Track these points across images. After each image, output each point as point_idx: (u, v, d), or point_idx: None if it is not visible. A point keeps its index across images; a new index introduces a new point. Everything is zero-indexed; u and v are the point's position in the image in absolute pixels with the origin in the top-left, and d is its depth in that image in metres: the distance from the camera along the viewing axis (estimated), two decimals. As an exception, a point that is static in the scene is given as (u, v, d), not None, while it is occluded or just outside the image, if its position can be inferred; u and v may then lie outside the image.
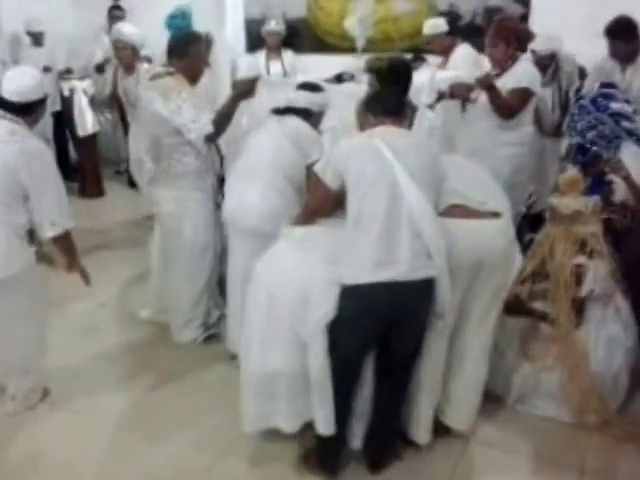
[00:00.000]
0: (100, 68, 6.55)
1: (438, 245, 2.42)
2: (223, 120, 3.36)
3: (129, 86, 5.28)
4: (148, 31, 5.97)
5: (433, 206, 2.48)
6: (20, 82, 2.90)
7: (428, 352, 2.64)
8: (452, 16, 5.66)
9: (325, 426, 2.56)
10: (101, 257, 4.98)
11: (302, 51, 6.51)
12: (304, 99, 3.30)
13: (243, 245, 3.26)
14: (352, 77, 4.32)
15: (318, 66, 5.87)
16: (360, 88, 3.64)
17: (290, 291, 2.56)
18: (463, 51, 4.80)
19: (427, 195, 2.44)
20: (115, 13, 6.76)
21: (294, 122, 3.27)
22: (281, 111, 3.32)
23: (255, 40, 6.80)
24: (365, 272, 2.41)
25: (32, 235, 3.02)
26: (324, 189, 2.60)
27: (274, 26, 6.24)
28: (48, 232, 2.97)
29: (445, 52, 4.90)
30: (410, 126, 3.09)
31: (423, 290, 2.45)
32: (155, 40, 5.47)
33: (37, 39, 6.62)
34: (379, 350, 2.59)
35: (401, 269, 2.39)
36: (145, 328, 3.94)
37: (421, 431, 2.77)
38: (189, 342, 3.70)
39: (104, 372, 3.54)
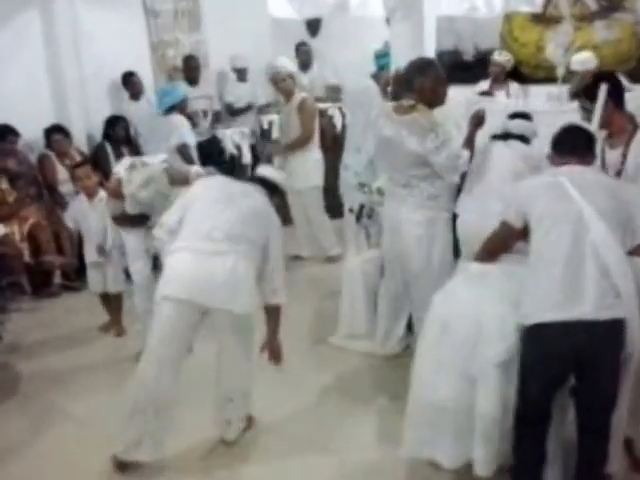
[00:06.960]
0: None
1: (628, 285, 2.36)
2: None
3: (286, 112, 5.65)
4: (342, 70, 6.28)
5: (621, 244, 2.42)
6: None
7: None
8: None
9: (483, 468, 2.54)
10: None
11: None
12: (521, 126, 3.39)
13: None
14: None
15: (537, 95, 5.88)
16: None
17: (464, 325, 2.59)
18: None
19: (615, 233, 2.40)
20: (301, 49, 7.20)
21: (521, 146, 3.33)
22: (501, 136, 3.40)
23: (447, 70, 6.82)
24: (547, 310, 2.38)
25: None
26: (507, 228, 2.64)
27: (498, 57, 6.27)
28: (273, 299, 3.14)
29: None
30: None
31: (610, 332, 2.36)
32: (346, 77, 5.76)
33: (241, 75, 7.09)
34: (576, 401, 2.50)
35: (586, 308, 2.34)
36: (333, 353, 4.08)
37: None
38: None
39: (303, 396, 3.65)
